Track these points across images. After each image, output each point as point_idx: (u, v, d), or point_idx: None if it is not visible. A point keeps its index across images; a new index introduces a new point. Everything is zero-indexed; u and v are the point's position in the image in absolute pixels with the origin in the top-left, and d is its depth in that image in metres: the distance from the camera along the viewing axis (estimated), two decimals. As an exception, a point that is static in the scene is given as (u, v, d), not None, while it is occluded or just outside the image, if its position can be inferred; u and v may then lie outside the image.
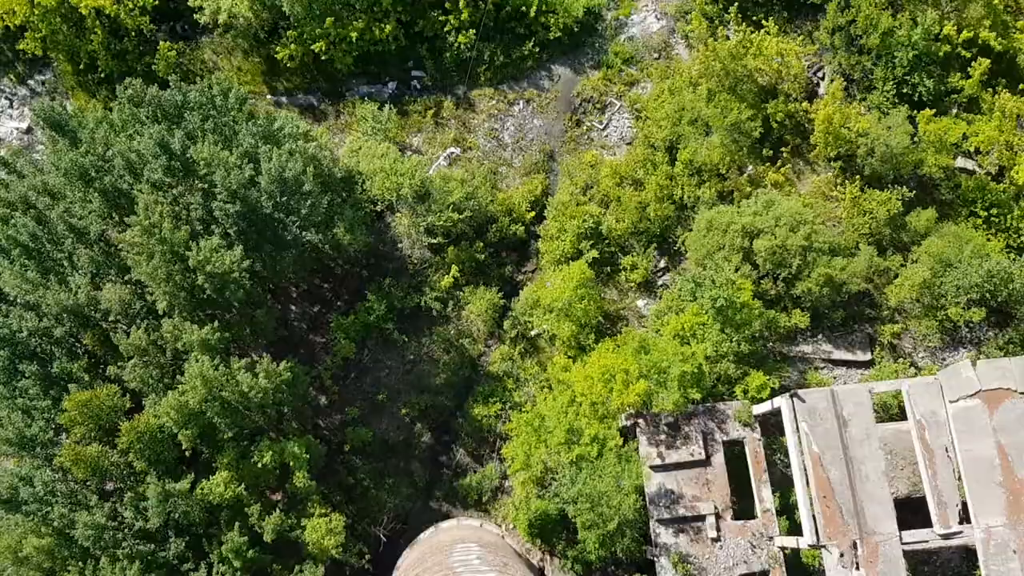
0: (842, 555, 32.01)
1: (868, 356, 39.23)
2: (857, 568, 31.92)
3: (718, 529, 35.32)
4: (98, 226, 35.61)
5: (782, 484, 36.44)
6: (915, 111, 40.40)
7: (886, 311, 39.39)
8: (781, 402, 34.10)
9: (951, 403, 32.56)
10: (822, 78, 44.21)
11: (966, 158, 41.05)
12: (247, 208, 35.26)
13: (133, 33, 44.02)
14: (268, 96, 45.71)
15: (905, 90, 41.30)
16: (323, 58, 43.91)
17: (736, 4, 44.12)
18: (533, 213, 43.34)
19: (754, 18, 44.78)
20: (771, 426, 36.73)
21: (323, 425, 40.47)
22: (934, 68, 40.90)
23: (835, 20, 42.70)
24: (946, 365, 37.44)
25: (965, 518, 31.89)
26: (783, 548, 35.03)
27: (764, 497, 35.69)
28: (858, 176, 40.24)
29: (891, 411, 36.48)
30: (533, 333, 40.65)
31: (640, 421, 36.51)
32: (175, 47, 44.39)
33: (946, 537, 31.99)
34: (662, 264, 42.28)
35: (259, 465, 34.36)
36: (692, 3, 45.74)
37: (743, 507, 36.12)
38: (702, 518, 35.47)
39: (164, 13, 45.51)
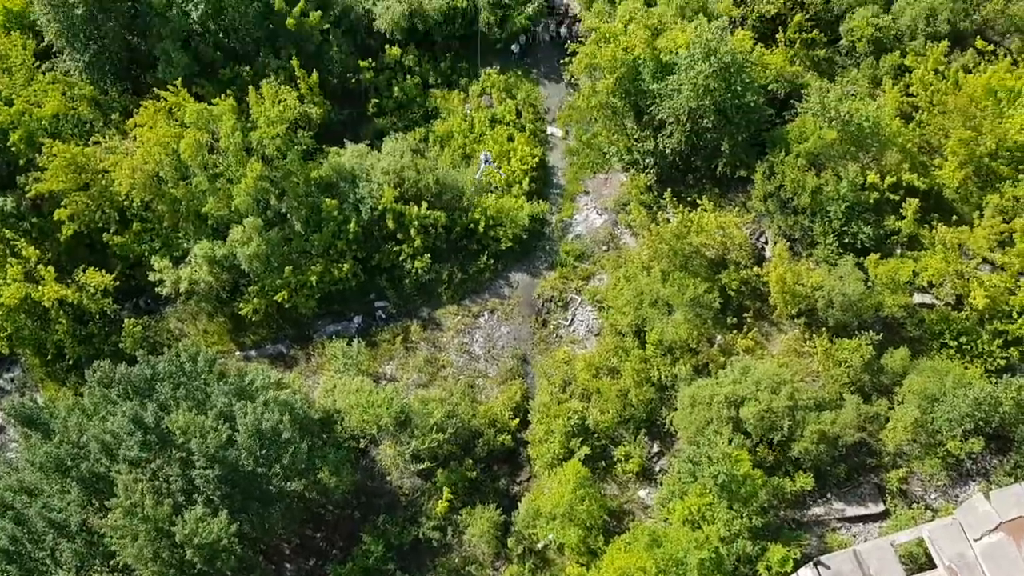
0: None
1: (881, 507, 38.31)
2: None
3: None
4: (78, 516, 34.50)
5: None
6: (862, 257, 41.89)
7: (887, 457, 38.95)
8: (806, 573, 32.79)
9: (975, 541, 31.69)
10: (766, 242, 45.99)
11: (922, 293, 42.23)
12: (228, 469, 34.58)
13: (97, 316, 44.74)
14: (237, 353, 46.07)
15: (846, 240, 43.01)
16: (286, 306, 44.77)
17: (669, 190, 46.46)
18: (517, 420, 43.06)
19: (688, 199, 47.09)
20: (803, 599, 35.06)
21: None
22: (869, 215, 42.87)
23: (764, 188, 45.05)
24: (960, 502, 36.63)
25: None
26: None
27: None
28: (824, 328, 41.01)
29: (919, 561, 35.11)
30: (540, 545, 39.20)
31: (668, 620, 34.63)
32: (140, 322, 45.01)
33: None
34: (656, 449, 41.80)
35: None
36: (628, 195, 48.06)
37: None
38: None
39: (126, 291, 46.49)
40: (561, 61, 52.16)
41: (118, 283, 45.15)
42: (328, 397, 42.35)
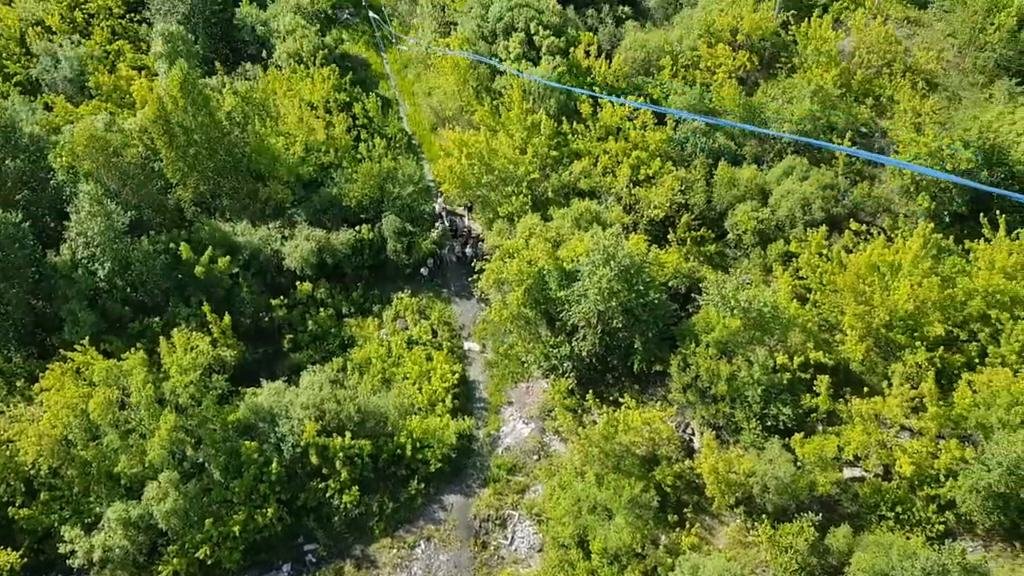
0: None
1: None
2: None
3: None
4: None
5: None
6: (787, 438, 42.54)
7: (850, 642, 37.85)
8: None
9: None
10: (692, 433, 46.41)
11: (851, 467, 42.79)
12: None
13: None
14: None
15: (769, 422, 43.81)
16: (209, 563, 42.05)
17: (591, 391, 47.01)
18: (466, 657, 40.40)
19: (611, 398, 47.65)
20: None
21: None
22: (785, 396, 44.02)
23: (681, 379, 46.05)
24: None
25: None
26: None
27: None
28: (764, 515, 40.78)
29: None
30: None
31: None
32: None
33: None
34: (615, 669, 39.56)
35: None
36: (552, 401, 48.35)
37: None
38: None
39: (35, 568, 43.00)
40: (470, 279, 53.97)
41: (25, 560, 41.88)
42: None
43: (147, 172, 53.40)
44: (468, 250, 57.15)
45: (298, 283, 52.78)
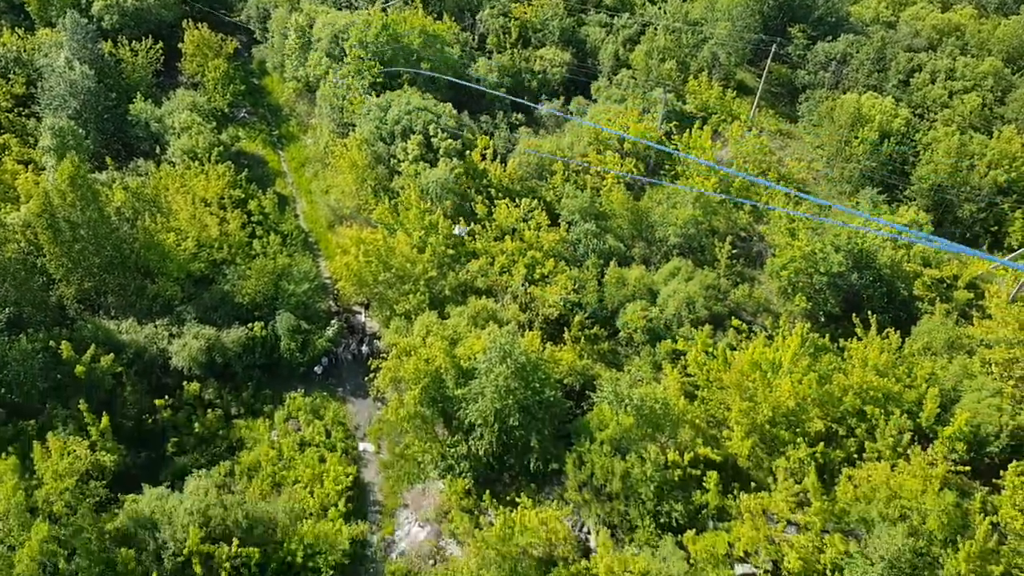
0: None
1: None
2: None
3: None
4: None
5: None
6: (679, 535, 43.15)
7: None
8: None
9: None
10: (588, 533, 46.49)
11: (742, 564, 43.53)
12: None
13: None
14: None
15: (662, 519, 44.42)
16: None
17: (488, 491, 46.71)
18: None
19: (507, 498, 47.45)
20: None
21: None
22: (677, 492, 44.84)
23: (577, 478, 46.40)
24: None
25: None
26: None
27: None
28: (660, 614, 40.95)
29: None
30: None
31: None
32: None
33: None
34: None
35: None
36: (448, 502, 47.72)
37: None
38: None
39: None
40: (366, 378, 53.44)
41: None
42: None
43: (28, 268, 51.41)
44: (364, 348, 56.78)
45: (185, 383, 51.12)
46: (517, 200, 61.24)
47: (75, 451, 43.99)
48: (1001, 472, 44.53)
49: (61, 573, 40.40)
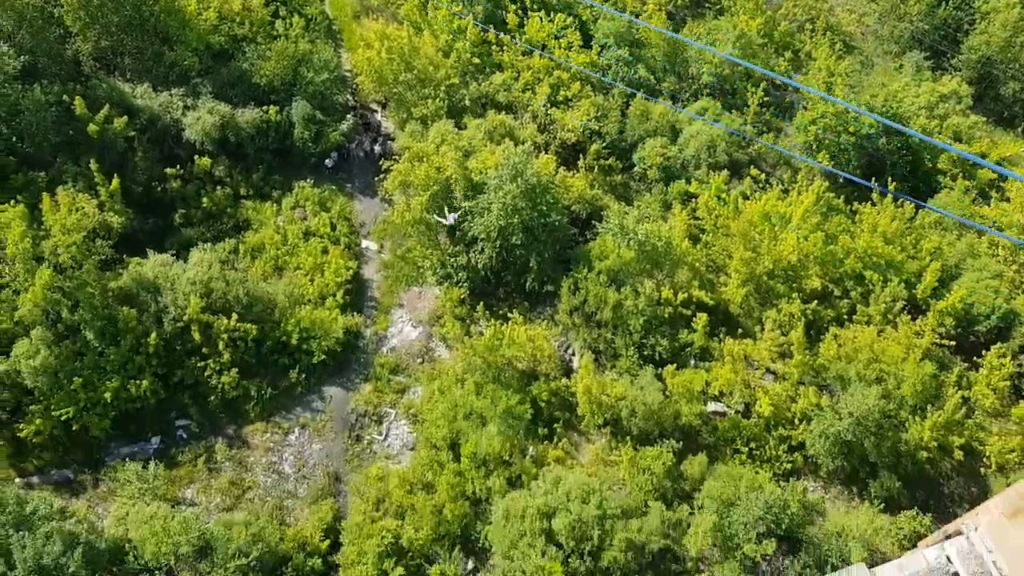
0: None
1: (686, 612, 39.70)
2: None
3: None
4: None
5: None
6: (660, 368, 44.51)
7: (690, 563, 40.46)
8: None
9: (772, 640, 33.32)
10: (573, 354, 47.92)
11: (715, 402, 45.19)
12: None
13: None
14: (17, 480, 41.71)
15: (646, 352, 45.63)
16: (75, 428, 41.48)
17: (481, 303, 47.72)
18: (328, 542, 41.40)
19: (500, 312, 48.57)
20: None
21: None
22: (664, 328, 45.81)
23: (570, 302, 47.29)
24: (757, 603, 38.62)
25: None
26: None
27: None
28: (628, 437, 42.89)
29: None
30: (350, 676, 37.44)
31: None
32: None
33: None
34: (471, 566, 41.32)
35: None
36: (442, 308, 48.91)
37: None
38: None
39: None
40: (377, 178, 53.34)
41: None
42: (119, 526, 39.17)
43: (45, 17, 50.07)
44: (377, 147, 56.26)
45: (196, 157, 51.01)
46: (552, 15, 58.77)
47: (83, 208, 44.55)
48: (984, 352, 45.25)
49: (64, 322, 42.05)
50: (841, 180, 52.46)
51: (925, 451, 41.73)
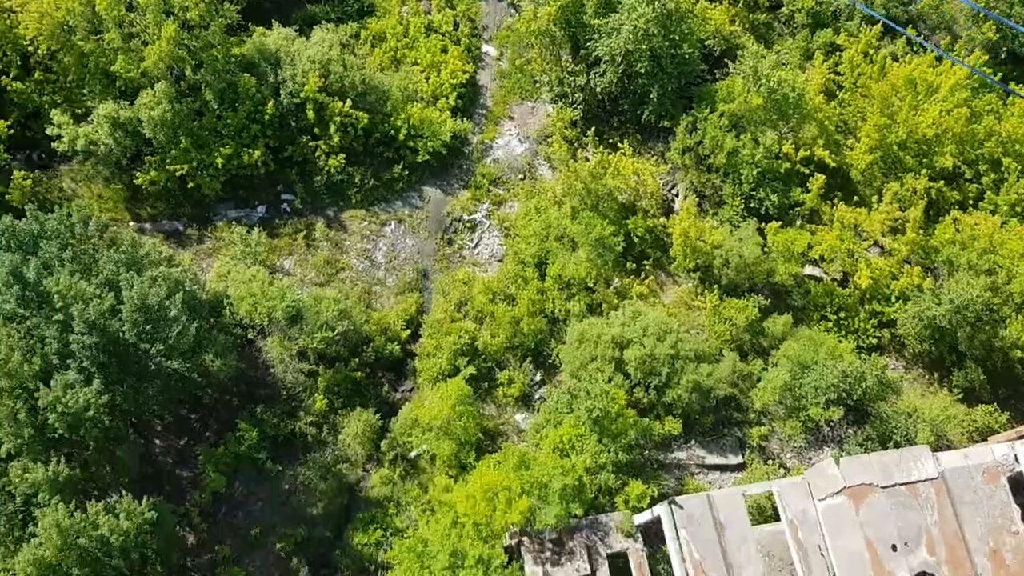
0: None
1: (740, 459, 40.48)
2: (745, 675, 32.00)
3: (608, 646, 34.84)
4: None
5: (668, 593, 36.45)
6: (763, 223, 43.28)
7: (752, 414, 40.99)
8: (660, 510, 34.50)
9: (819, 501, 33.78)
10: (676, 195, 46.92)
11: (813, 266, 44.03)
12: (107, 340, 33.67)
13: (-16, 161, 42.45)
14: (131, 223, 44.46)
15: (752, 204, 44.29)
16: (189, 185, 43.38)
17: (593, 128, 46.64)
18: (408, 332, 43.28)
19: (610, 141, 47.47)
20: (653, 535, 36.93)
21: (192, 566, 37.94)
22: (777, 184, 44.13)
23: (684, 142, 45.78)
24: (812, 464, 38.99)
25: (842, 614, 32.67)
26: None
27: (651, 608, 35.60)
28: (716, 286, 42.51)
29: (766, 512, 37.44)
30: (413, 454, 39.93)
31: (524, 539, 36.05)
32: (31, 176, 42.83)
33: (826, 635, 32.66)
34: (538, 378, 42.82)
35: (119, 620, 31.77)
36: (552, 128, 48.06)
37: (631, 620, 35.81)
38: (590, 635, 34.99)
39: (20, 142, 44.10)
40: (508, -20, 51.36)
41: (12, 131, 42.78)
42: (220, 282, 41.59)
43: None
44: (514, -53, 53.74)
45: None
46: None
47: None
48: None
49: (187, 80, 43.06)
50: (1003, 56, 48.01)
51: (1020, 350, 40.18)
